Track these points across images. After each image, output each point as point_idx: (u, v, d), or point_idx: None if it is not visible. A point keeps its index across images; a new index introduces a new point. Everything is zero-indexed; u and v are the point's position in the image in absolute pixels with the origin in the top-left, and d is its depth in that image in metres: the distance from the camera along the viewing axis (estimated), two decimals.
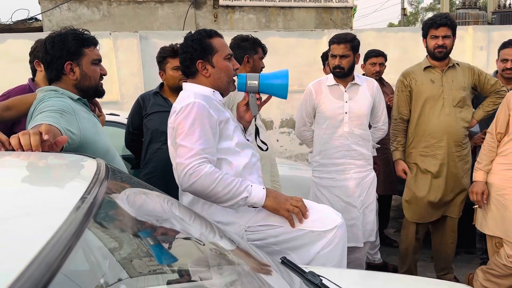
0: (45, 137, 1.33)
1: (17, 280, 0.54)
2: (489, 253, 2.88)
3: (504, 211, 2.65)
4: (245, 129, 2.20)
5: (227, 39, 3.21)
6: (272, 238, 1.96)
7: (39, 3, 9.79)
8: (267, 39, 6.25)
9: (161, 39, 5.83)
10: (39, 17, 10.24)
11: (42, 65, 2.37)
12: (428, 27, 2.98)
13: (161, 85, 2.96)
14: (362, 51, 4.54)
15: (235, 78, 2.10)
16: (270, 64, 3.55)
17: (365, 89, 2.92)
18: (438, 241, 3.27)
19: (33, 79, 2.58)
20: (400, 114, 3.11)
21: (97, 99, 2.09)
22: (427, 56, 3.09)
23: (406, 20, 25.56)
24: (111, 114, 3.75)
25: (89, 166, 1.19)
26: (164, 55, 2.81)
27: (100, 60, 1.91)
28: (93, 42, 1.86)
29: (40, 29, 9.75)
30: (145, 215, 1.30)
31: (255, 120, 2.25)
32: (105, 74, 1.94)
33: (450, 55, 3.01)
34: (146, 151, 2.87)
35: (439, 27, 2.92)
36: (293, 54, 6.47)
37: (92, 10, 9.87)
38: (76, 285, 0.91)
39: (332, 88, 2.92)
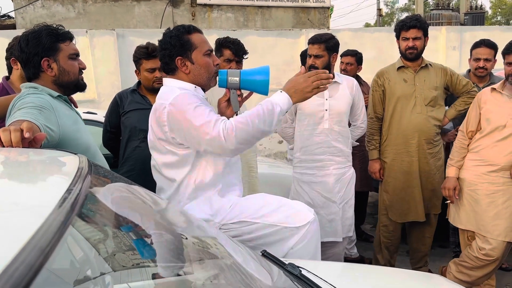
0: (26, 134, 1.33)
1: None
2: (461, 246, 2.97)
3: (475, 206, 2.75)
4: None
5: (208, 38, 3.22)
6: (246, 235, 1.99)
7: (12, 0, 9.58)
8: (246, 38, 6.29)
9: (138, 37, 5.80)
10: (12, 14, 10.03)
11: (18, 63, 2.33)
12: (399, 29, 3.07)
13: (139, 82, 2.94)
14: (339, 50, 4.65)
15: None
16: (249, 63, 3.57)
17: (345, 88, 2.98)
18: (416, 236, 3.35)
19: (7, 77, 2.52)
20: (375, 113, 3.20)
21: (73, 97, 2.07)
22: (400, 56, 3.18)
23: (382, 20, 25.98)
24: (88, 112, 3.72)
25: (71, 162, 1.19)
26: (139, 57, 2.79)
27: (77, 54, 1.89)
28: (68, 37, 1.84)
29: (13, 27, 9.55)
30: (129, 211, 1.32)
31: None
32: (84, 68, 1.92)
33: (424, 55, 3.10)
34: (124, 149, 2.85)
35: (409, 29, 3.01)
36: (271, 53, 6.52)
37: (67, 8, 9.72)
38: (61, 280, 0.92)
39: None
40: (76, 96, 2.86)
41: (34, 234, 0.65)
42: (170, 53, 2.00)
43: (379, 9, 21.96)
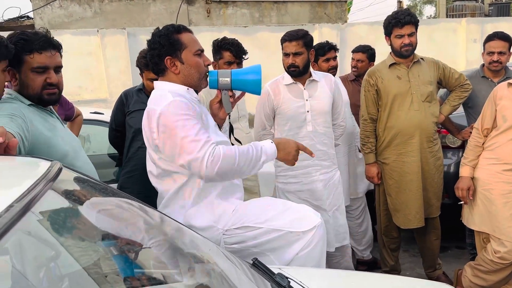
0: (0, 139, 1.28)
1: None
2: (477, 248, 2.83)
3: (490, 206, 2.60)
4: (219, 127, 2.14)
5: (219, 35, 3.14)
6: (250, 241, 1.92)
7: (30, 1, 9.71)
8: (257, 35, 6.20)
9: (149, 35, 5.75)
10: (31, 15, 10.16)
11: None
12: (392, 26, 2.90)
13: None
14: (353, 44, 4.49)
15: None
16: (260, 59, 3.48)
17: (323, 85, 2.81)
18: (422, 240, 3.21)
19: None
20: (369, 114, 3.04)
21: (86, 96, 2.00)
22: (390, 53, 3.03)
23: None
24: (95, 112, 3.70)
25: (38, 168, 1.13)
26: (140, 66, 2.75)
27: (43, 68, 1.76)
28: (35, 48, 1.73)
29: (31, 27, 9.68)
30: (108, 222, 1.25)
31: (229, 118, 2.19)
32: (52, 83, 1.78)
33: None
34: (128, 149, 2.81)
35: (404, 26, 2.86)
36: None
37: (84, 7, 9.79)
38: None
39: (290, 87, 2.79)
40: (88, 95, 2.87)
41: None
42: (159, 53, 1.93)
43: (399, 2, 21.49)
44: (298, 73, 2.73)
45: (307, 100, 2.76)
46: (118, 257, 1.15)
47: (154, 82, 2.04)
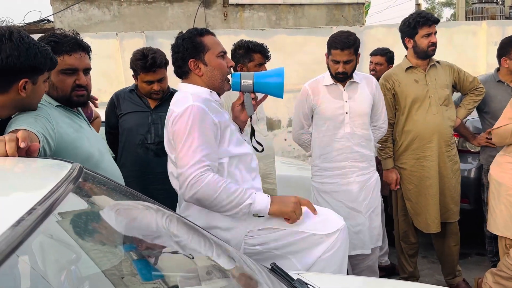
0: (22, 144, 1.29)
1: None
2: (500, 254, 2.77)
3: None
4: (240, 130, 2.14)
5: (236, 38, 3.14)
6: (273, 242, 1.91)
7: (50, 4, 9.88)
8: (274, 38, 6.18)
9: (167, 38, 5.80)
10: (51, 18, 10.33)
11: None
12: (420, 25, 2.87)
13: None
14: (371, 47, 4.46)
15: (229, 76, 2.05)
16: (277, 63, 3.46)
17: (364, 87, 2.79)
18: (441, 246, 3.16)
19: None
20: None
21: (100, 99, 2.01)
22: (406, 56, 3.02)
23: None
24: None
25: (59, 171, 1.14)
26: (135, 68, 2.59)
27: (74, 70, 1.79)
28: (65, 50, 1.76)
29: (52, 30, 9.83)
30: (129, 227, 1.26)
31: (250, 120, 2.19)
32: (82, 85, 1.81)
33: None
34: (121, 154, 2.71)
35: (432, 24, 2.86)
36: (300, 52, 6.37)
37: (103, 11, 9.91)
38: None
39: (330, 88, 2.79)
40: (107, 98, 2.83)
41: None
42: (183, 56, 1.96)
43: (417, 4, 21.26)
44: (345, 78, 2.73)
45: (346, 101, 2.75)
46: (138, 261, 1.15)
47: (178, 84, 2.06)
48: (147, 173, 2.58)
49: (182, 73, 2.01)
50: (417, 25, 2.88)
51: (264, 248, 1.92)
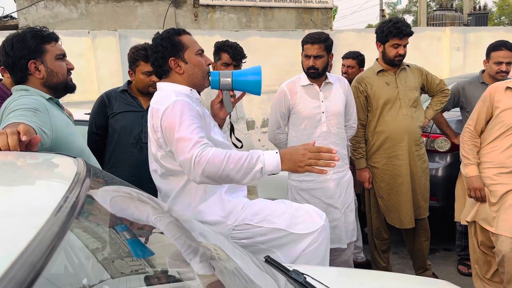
0: (23, 138, 1.30)
1: (1, 280, 0.52)
2: (469, 244, 2.91)
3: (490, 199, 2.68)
4: (220, 127, 2.20)
5: (210, 39, 3.19)
6: (258, 237, 1.99)
7: (14, 1, 9.57)
8: (248, 39, 6.26)
9: (140, 37, 5.77)
10: (15, 15, 10.02)
11: (7, 71, 2.25)
12: (391, 35, 2.96)
13: (129, 82, 2.77)
14: (341, 51, 4.60)
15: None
16: (251, 64, 3.54)
17: (338, 88, 2.91)
18: (411, 241, 3.31)
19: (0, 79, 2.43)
20: (359, 120, 3.13)
21: (76, 97, 2.04)
22: (377, 59, 3.14)
23: None
24: (89, 114, 3.69)
25: (69, 166, 1.16)
26: (136, 58, 2.62)
27: (64, 55, 1.86)
28: (53, 38, 1.81)
29: (15, 27, 9.53)
30: (128, 215, 1.29)
31: (229, 118, 2.25)
32: (72, 69, 1.89)
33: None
34: (111, 153, 2.67)
35: (404, 37, 2.97)
36: (273, 54, 6.48)
37: (70, 9, 9.69)
38: (58, 286, 0.90)
39: (306, 88, 2.89)
40: (78, 97, 2.84)
41: (25, 248, 0.62)
42: (162, 55, 2.00)
43: (381, 10, 21.89)
44: (317, 75, 2.83)
45: (322, 101, 2.87)
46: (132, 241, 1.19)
47: (157, 83, 2.09)
48: (142, 172, 2.58)
49: (162, 72, 2.04)
50: (389, 34, 2.99)
51: (250, 242, 1.99)
